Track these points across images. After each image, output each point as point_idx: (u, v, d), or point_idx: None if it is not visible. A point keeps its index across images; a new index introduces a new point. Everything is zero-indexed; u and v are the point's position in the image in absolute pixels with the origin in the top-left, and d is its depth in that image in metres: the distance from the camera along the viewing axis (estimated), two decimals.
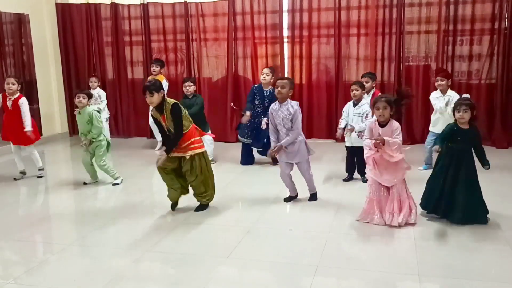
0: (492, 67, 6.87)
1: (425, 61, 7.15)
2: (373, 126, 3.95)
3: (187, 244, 3.72)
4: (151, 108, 4.37)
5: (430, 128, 5.72)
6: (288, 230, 3.92)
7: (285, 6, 7.49)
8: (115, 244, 3.76)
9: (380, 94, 4.31)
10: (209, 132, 6.00)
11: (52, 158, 7.02)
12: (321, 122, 7.67)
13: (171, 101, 4.20)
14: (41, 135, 7.93)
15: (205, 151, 4.39)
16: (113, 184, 5.36)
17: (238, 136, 6.37)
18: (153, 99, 4.12)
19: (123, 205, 4.70)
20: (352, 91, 5.09)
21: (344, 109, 5.32)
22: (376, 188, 3.95)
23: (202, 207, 4.43)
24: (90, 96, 5.34)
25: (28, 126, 5.45)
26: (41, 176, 5.69)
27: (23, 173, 5.75)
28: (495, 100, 6.88)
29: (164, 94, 4.22)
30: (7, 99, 5.45)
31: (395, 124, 3.87)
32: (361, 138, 4.94)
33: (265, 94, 5.95)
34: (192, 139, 4.25)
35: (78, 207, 4.82)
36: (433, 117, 5.68)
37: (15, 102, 5.45)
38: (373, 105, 3.91)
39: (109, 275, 3.20)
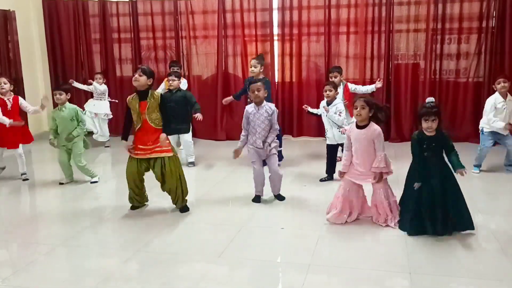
0: (480, 65, 6.94)
1: (414, 59, 7.20)
2: (350, 132, 3.88)
3: (178, 244, 3.69)
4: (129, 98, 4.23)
5: (485, 129, 5.35)
6: (280, 228, 3.92)
7: (275, 4, 7.48)
8: (104, 244, 3.72)
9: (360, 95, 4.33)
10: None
11: (38, 157, 6.92)
12: (311, 120, 7.64)
13: (158, 92, 4.23)
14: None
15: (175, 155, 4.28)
16: (92, 182, 5.32)
17: None
18: (141, 80, 4.04)
19: (111, 204, 4.64)
20: (326, 91, 5.16)
21: (320, 105, 5.38)
22: (350, 187, 3.92)
23: (184, 209, 4.35)
24: (67, 91, 5.21)
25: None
26: (27, 179, 5.55)
27: (2, 168, 5.72)
28: (482, 98, 6.92)
29: (152, 83, 4.16)
30: (3, 100, 5.33)
31: (376, 128, 3.78)
32: (343, 133, 4.95)
33: None
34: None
35: (65, 207, 4.73)
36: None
37: (15, 103, 5.40)
38: (352, 104, 3.91)
39: (98, 276, 3.16)
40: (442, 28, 6.95)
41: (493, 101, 5.23)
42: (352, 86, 6.11)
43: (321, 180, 5.22)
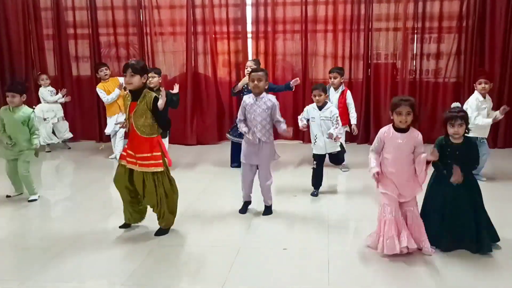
0: (459, 65, 6.83)
1: (393, 58, 6.99)
2: (386, 136, 3.35)
3: (169, 272, 3.16)
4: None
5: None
6: (282, 249, 3.48)
7: None
8: (79, 278, 3.10)
9: (398, 96, 3.73)
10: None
11: None
12: (287, 122, 7.21)
13: (153, 93, 3.59)
14: None
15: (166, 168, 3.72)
16: (29, 201, 4.59)
17: (228, 135, 5.74)
18: (134, 80, 3.49)
19: (80, 227, 3.97)
20: (315, 96, 4.60)
21: (306, 109, 4.78)
22: (394, 207, 3.32)
23: (162, 231, 3.79)
24: (22, 92, 4.50)
25: None
26: None
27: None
28: (462, 98, 6.81)
29: (146, 81, 3.63)
30: None
31: (418, 134, 3.30)
32: (336, 141, 4.58)
33: None
34: (154, 153, 3.62)
35: (25, 231, 4.00)
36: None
37: None
38: (392, 109, 3.31)
39: None
40: (422, 27, 6.78)
41: (476, 101, 5.06)
42: (350, 99, 5.49)
43: (313, 195, 4.73)
